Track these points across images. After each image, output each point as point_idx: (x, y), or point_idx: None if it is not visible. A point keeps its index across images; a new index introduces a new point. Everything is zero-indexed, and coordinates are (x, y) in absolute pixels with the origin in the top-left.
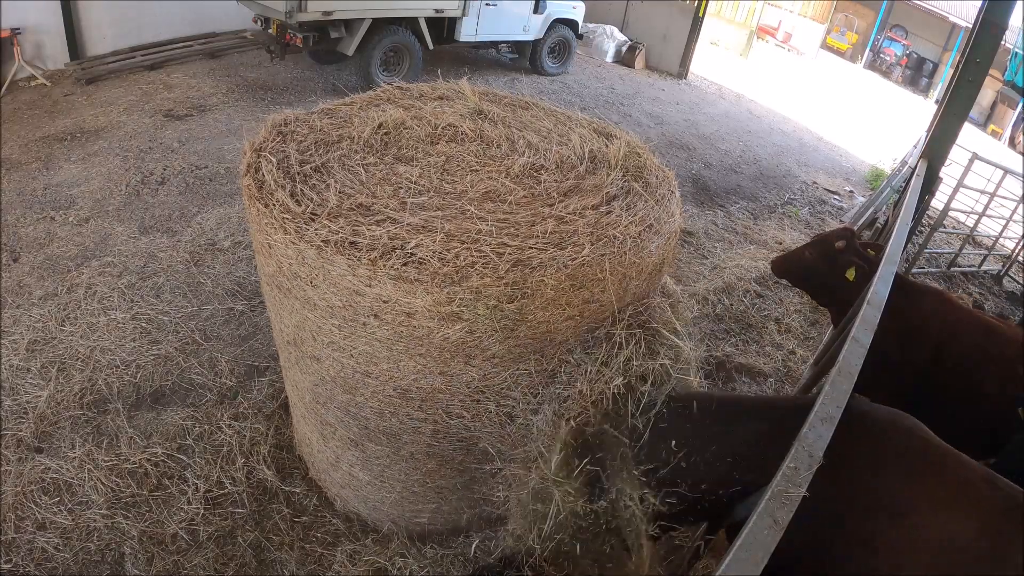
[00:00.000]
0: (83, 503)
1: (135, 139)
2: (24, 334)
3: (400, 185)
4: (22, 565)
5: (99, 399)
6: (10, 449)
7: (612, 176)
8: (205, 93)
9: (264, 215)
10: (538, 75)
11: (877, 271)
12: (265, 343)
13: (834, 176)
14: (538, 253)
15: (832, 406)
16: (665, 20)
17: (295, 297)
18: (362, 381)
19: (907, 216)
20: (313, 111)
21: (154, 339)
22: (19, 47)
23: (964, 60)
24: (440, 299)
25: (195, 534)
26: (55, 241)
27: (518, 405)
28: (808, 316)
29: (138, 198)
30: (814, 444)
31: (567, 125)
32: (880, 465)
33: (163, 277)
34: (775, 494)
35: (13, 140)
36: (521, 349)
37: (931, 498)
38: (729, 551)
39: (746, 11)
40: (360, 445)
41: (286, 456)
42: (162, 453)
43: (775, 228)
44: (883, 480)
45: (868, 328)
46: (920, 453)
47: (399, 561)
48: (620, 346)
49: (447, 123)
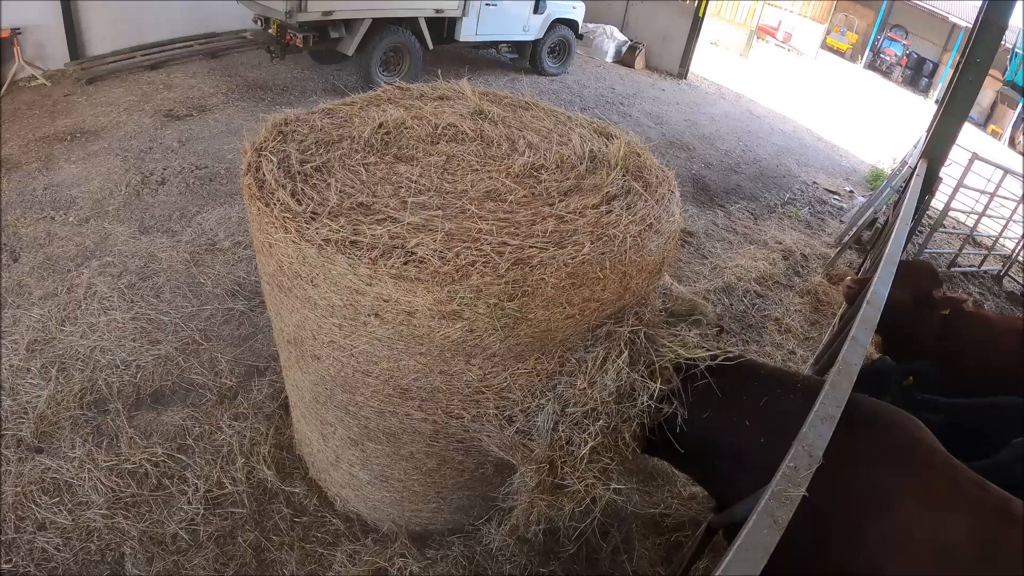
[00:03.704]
0: (83, 503)
1: (135, 139)
2: (24, 334)
3: (401, 184)
4: (22, 565)
5: (99, 399)
6: (10, 449)
7: (612, 176)
8: (205, 93)
9: (265, 214)
10: (538, 75)
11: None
12: (265, 343)
13: (834, 176)
14: (538, 252)
15: (832, 406)
16: (665, 20)
17: (295, 296)
18: (362, 380)
19: (907, 216)
20: (314, 111)
21: (154, 339)
22: (19, 47)
23: (964, 60)
24: (441, 298)
25: (195, 534)
26: (55, 241)
27: (518, 405)
28: (808, 316)
29: (138, 198)
30: (814, 444)
31: (567, 125)
32: (874, 459)
33: (163, 277)
34: (775, 494)
35: (13, 140)
36: (522, 348)
37: (921, 496)
38: (729, 551)
39: (746, 11)
40: (360, 445)
41: (286, 456)
42: (162, 453)
43: (775, 228)
44: (875, 474)
45: (868, 328)
46: (913, 451)
47: (399, 561)
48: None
49: (447, 123)
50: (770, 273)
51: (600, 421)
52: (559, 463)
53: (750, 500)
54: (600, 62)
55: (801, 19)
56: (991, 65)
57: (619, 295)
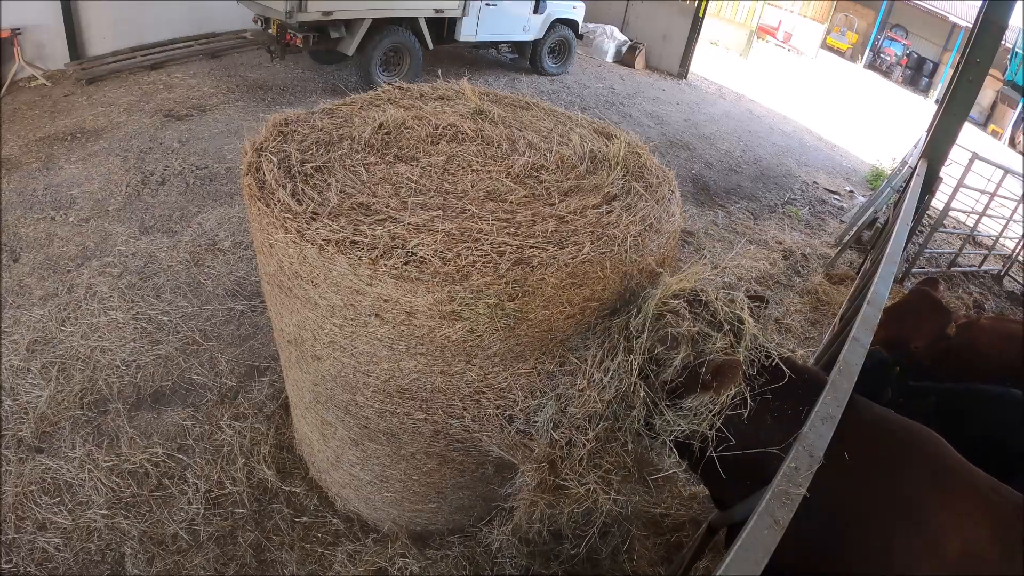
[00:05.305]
0: (83, 503)
1: (135, 139)
2: (24, 334)
3: (401, 184)
4: (22, 565)
5: (99, 399)
6: (10, 449)
7: (612, 176)
8: (205, 93)
9: (265, 214)
10: (538, 75)
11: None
12: (265, 343)
13: (834, 176)
14: (539, 252)
15: (832, 406)
16: (665, 20)
17: (296, 296)
18: (363, 380)
19: (907, 216)
20: (314, 111)
21: (154, 339)
22: (19, 47)
23: (964, 60)
24: (441, 298)
25: (195, 534)
26: (55, 241)
27: (519, 405)
28: (808, 316)
29: (138, 198)
30: (814, 444)
31: (567, 125)
32: (902, 473)
33: (163, 277)
34: (775, 494)
35: (13, 140)
36: (522, 348)
37: (951, 508)
38: (729, 551)
39: (746, 11)
40: (360, 445)
41: (286, 456)
42: (162, 453)
43: (775, 228)
44: (906, 488)
45: (868, 328)
46: (940, 465)
47: (399, 561)
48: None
49: (448, 123)
50: (770, 273)
51: (601, 423)
52: (560, 463)
53: (751, 500)
54: (600, 62)
55: (801, 19)
56: (991, 65)
57: (619, 295)
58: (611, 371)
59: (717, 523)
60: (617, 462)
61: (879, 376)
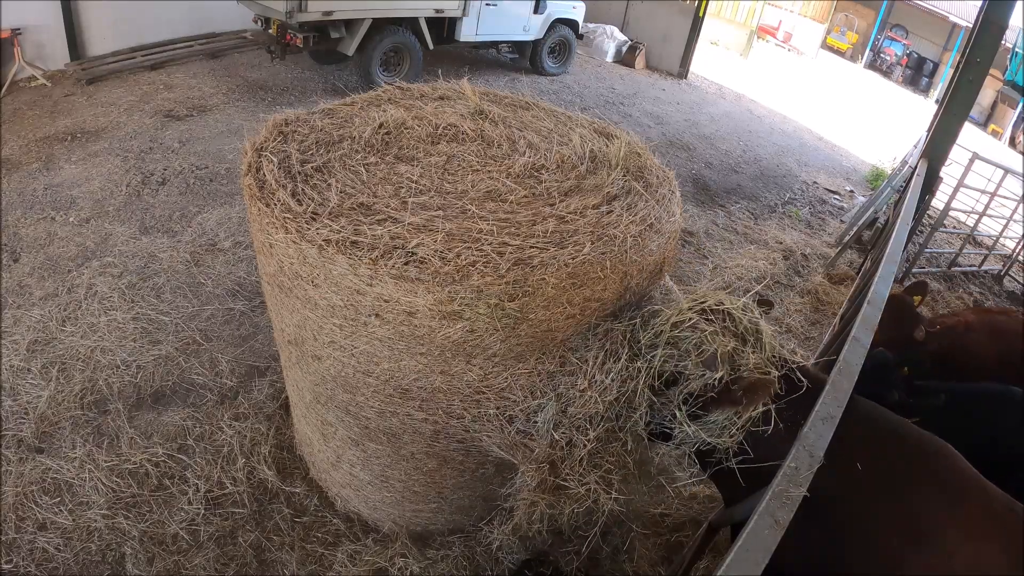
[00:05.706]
0: (84, 503)
1: (135, 139)
2: (25, 334)
3: (401, 185)
4: (23, 565)
5: (100, 399)
6: (11, 449)
7: (613, 176)
8: (205, 93)
9: (265, 214)
10: (538, 75)
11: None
12: (265, 343)
13: (834, 176)
14: (539, 252)
15: (833, 406)
16: (665, 20)
17: (296, 296)
18: (363, 381)
19: (907, 216)
20: (314, 111)
21: (154, 339)
22: (19, 47)
23: (964, 60)
24: (441, 298)
25: (196, 534)
26: (55, 241)
27: (519, 405)
28: (808, 316)
29: (138, 198)
30: (814, 444)
31: (567, 125)
32: (913, 489)
33: (163, 277)
34: (776, 494)
35: (13, 140)
36: (522, 348)
37: (962, 526)
38: (729, 551)
39: (746, 11)
40: (361, 445)
41: (287, 456)
42: (163, 453)
43: (776, 228)
44: (916, 503)
45: (868, 328)
46: (952, 479)
47: (400, 561)
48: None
49: (448, 123)
50: (770, 273)
51: (602, 424)
52: (560, 463)
53: (751, 500)
54: (600, 62)
55: (801, 19)
56: (991, 65)
57: (620, 295)
58: (613, 373)
59: (717, 523)
60: (618, 462)
61: (882, 377)
